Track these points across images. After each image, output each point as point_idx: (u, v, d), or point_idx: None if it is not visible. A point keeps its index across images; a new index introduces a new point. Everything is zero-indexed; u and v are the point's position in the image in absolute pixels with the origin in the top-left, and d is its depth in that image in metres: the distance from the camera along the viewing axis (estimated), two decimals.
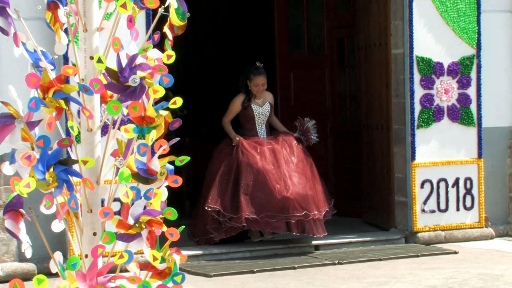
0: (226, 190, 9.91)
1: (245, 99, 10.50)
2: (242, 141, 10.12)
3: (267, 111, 10.53)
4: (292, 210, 9.67)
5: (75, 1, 3.33)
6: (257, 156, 9.90)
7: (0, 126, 3.34)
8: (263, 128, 10.53)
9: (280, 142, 10.26)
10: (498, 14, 12.08)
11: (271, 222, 9.72)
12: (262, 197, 9.71)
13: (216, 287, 9.41)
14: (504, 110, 12.14)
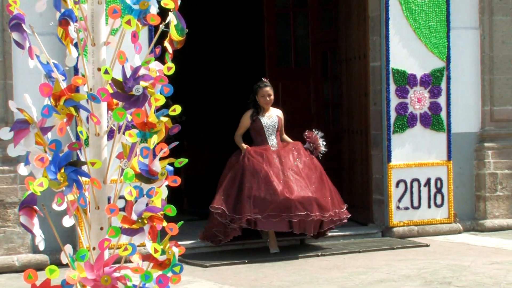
0: (231, 193, 9.73)
1: (254, 112, 10.26)
2: (249, 149, 9.96)
3: (275, 122, 10.25)
4: (294, 210, 9.45)
5: (84, 18, 3.32)
6: (262, 161, 9.72)
7: (16, 130, 3.33)
8: (274, 140, 10.26)
9: (288, 149, 10.11)
10: (466, 30, 12.09)
11: (274, 221, 9.52)
12: (265, 198, 9.50)
13: (212, 276, 9.39)
14: (471, 118, 12.16)
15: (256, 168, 9.63)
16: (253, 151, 9.90)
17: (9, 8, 3.36)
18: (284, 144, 10.25)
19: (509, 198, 12.17)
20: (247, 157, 9.79)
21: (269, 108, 10.35)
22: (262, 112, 10.27)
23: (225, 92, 17.25)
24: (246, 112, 10.35)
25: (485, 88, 12.19)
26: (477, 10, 12.19)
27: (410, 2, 11.57)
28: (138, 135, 3.34)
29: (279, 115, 10.42)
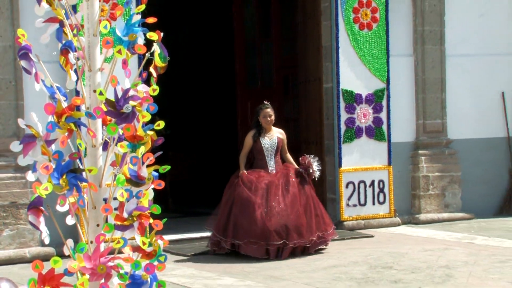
0: (222, 216, 9.35)
1: (256, 133, 9.67)
2: (243, 176, 9.42)
3: (275, 143, 9.64)
4: (271, 239, 8.99)
5: (82, 48, 3.30)
6: (251, 189, 9.22)
7: (25, 143, 3.31)
8: (273, 160, 9.65)
9: (278, 177, 9.46)
10: (403, 57, 12.15)
11: (253, 247, 9.06)
12: (247, 226, 9.08)
13: (193, 264, 9.36)
14: (407, 129, 12.21)
15: (244, 197, 9.20)
16: (246, 179, 9.40)
17: (18, 40, 3.33)
18: (280, 169, 9.63)
19: (439, 196, 12.23)
20: (239, 183, 9.33)
21: (271, 128, 9.78)
22: (264, 132, 9.71)
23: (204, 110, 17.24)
24: (249, 133, 9.84)
25: (418, 105, 12.26)
26: (411, 40, 12.26)
27: (356, 34, 11.62)
28: (128, 146, 3.32)
29: (280, 135, 9.85)
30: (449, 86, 12.45)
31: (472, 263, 8.77)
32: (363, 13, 11.66)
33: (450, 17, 12.43)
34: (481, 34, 12.71)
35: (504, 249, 9.67)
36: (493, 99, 12.77)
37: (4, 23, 9.79)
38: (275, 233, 8.96)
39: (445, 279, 8.02)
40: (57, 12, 3.33)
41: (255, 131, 9.67)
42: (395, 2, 11.98)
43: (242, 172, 9.49)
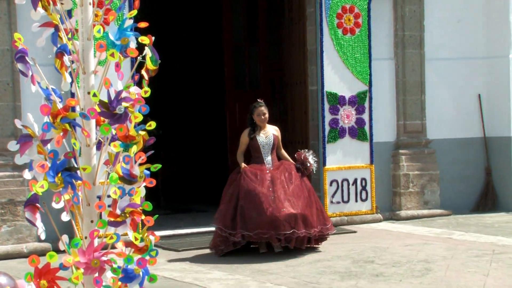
0: (228, 210, 9.00)
1: (251, 131, 9.41)
2: (245, 170, 9.13)
3: (271, 140, 9.37)
4: (281, 228, 8.73)
5: (76, 51, 3.29)
6: (256, 182, 8.93)
7: (22, 143, 3.29)
8: (269, 156, 9.36)
9: (280, 170, 9.20)
10: (384, 61, 12.17)
11: (264, 237, 8.82)
12: (256, 217, 8.76)
13: (184, 258, 9.35)
14: (389, 130, 12.24)
15: (250, 188, 8.90)
16: (249, 172, 9.12)
17: (15, 44, 3.32)
18: (278, 164, 9.36)
19: (418, 193, 12.26)
20: (243, 177, 9.04)
21: (265, 126, 9.50)
22: (259, 130, 9.44)
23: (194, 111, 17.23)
24: (244, 131, 9.59)
25: (399, 107, 12.28)
26: (392, 45, 12.29)
27: (339, 38, 11.63)
28: (121, 146, 3.31)
29: (275, 132, 9.57)
30: (428, 88, 12.48)
31: (450, 257, 8.80)
32: (346, 18, 11.67)
33: (429, 22, 12.46)
34: (458, 39, 12.75)
35: (480, 244, 9.71)
36: (470, 101, 12.82)
37: (1, 28, 9.76)
38: (285, 222, 8.74)
39: (424, 272, 8.04)
40: (53, 17, 3.32)
41: (250, 129, 9.46)
42: (377, 8, 11.99)
43: (244, 166, 9.22)
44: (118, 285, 3.31)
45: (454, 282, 7.54)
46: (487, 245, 9.56)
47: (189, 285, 7.84)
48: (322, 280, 7.84)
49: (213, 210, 13.41)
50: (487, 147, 12.86)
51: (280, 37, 13.25)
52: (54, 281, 3.26)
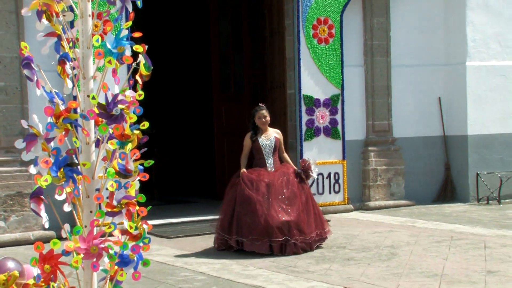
0: (226, 215, 8.48)
1: (253, 134, 8.83)
2: (243, 175, 8.52)
3: (273, 142, 8.77)
4: (274, 236, 8.12)
5: (77, 58, 3.28)
6: (251, 189, 8.33)
7: (27, 141, 3.28)
8: (271, 158, 8.74)
9: (278, 176, 8.55)
10: (355, 67, 12.22)
11: (256, 244, 8.19)
12: (250, 223, 8.23)
13: (174, 245, 9.35)
14: (359, 129, 12.28)
15: (246, 195, 8.31)
16: (246, 178, 8.50)
17: (22, 52, 3.31)
18: (278, 167, 8.75)
19: (385, 186, 12.30)
20: (241, 183, 8.45)
21: (267, 129, 8.91)
22: (261, 133, 8.86)
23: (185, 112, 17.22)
24: (246, 134, 8.99)
25: (368, 108, 12.32)
26: (362, 53, 12.33)
27: (315, 47, 11.65)
28: (117, 144, 3.30)
29: (277, 135, 8.98)
30: (394, 92, 12.53)
31: (413, 243, 8.84)
32: (321, 29, 11.69)
33: (395, 33, 12.51)
34: (421, 48, 12.81)
35: (441, 231, 9.75)
36: (431, 103, 12.88)
37: (10, 37, 9.75)
38: (277, 229, 8.13)
39: (390, 257, 8.07)
40: (56, 27, 3.30)
41: (252, 132, 8.90)
42: (348, 20, 12.03)
43: (242, 171, 8.64)
44: (114, 269, 3.30)
45: (417, 265, 7.58)
46: (446, 232, 9.62)
47: (180, 268, 7.84)
48: (299, 264, 7.85)
49: (201, 201, 13.48)
50: (446, 145, 12.92)
51: (262, 46, 13.26)
52: (57, 266, 3.25)
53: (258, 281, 7.12)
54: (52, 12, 3.27)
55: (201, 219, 11.11)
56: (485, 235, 9.33)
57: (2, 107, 9.77)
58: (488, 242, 8.79)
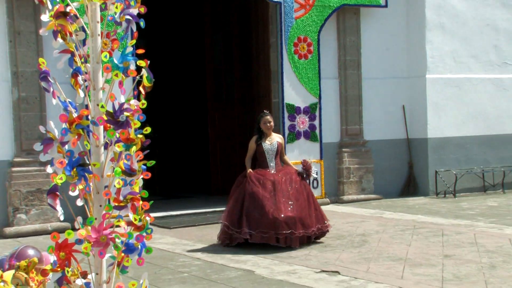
0: (234, 211, 8.02)
1: (257, 138, 8.38)
2: (250, 174, 8.12)
3: (275, 146, 8.30)
4: (281, 229, 7.72)
5: (88, 72, 3.27)
6: (259, 187, 7.95)
7: (45, 144, 3.26)
8: (273, 161, 8.29)
9: (282, 175, 8.15)
10: (330, 80, 12.25)
11: (264, 236, 7.78)
12: (258, 217, 7.78)
13: (174, 234, 9.33)
14: (334, 133, 12.30)
15: (254, 192, 7.91)
16: (253, 177, 8.10)
17: (40, 66, 3.30)
18: (280, 169, 8.32)
19: (357, 182, 12.32)
20: (248, 181, 8.05)
21: (271, 134, 8.45)
22: (265, 137, 8.40)
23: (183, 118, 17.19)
24: (252, 138, 8.54)
25: (342, 115, 12.35)
26: (336, 67, 12.36)
27: (296, 62, 11.67)
28: (123, 146, 3.28)
29: (279, 140, 8.52)
30: (365, 101, 12.56)
31: (381, 232, 8.86)
32: (301, 46, 11.71)
33: (365, 50, 12.55)
34: (387, 63, 12.85)
35: (405, 221, 9.78)
36: (396, 110, 12.92)
37: (32, 54, 9.75)
38: (284, 223, 7.73)
39: (361, 243, 8.08)
40: (69, 45, 3.29)
41: (257, 136, 8.45)
42: (325, 38, 12.05)
43: (249, 171, 8.21)
44: (121, 256, 3.28)
45: (384, 251, 7.59)
46: (409, 222, 9.64)
47: (178, 255, 7.82)
48: (282, 250, 7.84)
49: (197, 196, 13.45)
50: (409, 146, 12.96)
51: (250, 61, 13.27)
52: (71, 253, 3.23)
53: (247, 265, 7.11)
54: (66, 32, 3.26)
55: (197, 211, 11.10)
56: (443, 224, 9.36)
57: (24, 114, 9.74)
58: (445, 230, 8.83)
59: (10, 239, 9.14)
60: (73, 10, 3.26)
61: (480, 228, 8.90)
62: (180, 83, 16.98)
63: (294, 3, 11.62)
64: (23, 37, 9.73)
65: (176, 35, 16.84)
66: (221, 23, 13.77)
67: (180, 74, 16.92)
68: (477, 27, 13.17)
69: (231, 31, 13.69)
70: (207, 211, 11.06)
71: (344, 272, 6.65)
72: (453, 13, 12.95)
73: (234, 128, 13.75)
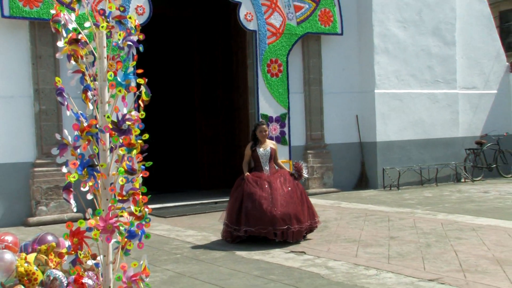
0: (234, 210, 7.42)
1: (253, 144, 7.77)
2: (248, 177, 7.53)
3: (269, 152, 7.68)
4: (278, 225, 7.13)
5: (96, 88, 3.24)
6: (257, 187, 7.38)
7: (60, 149, 3.22)
8: (267, 165, 7.65)
9: (276, 176, 7.57)
10: (297, 94, 12.28)
11: (263, 232, 7.19)
12: (257, 215, 7.20)
13: (169, 222, 9.27)
14: (301, 138, 12.31)
15: (252, 192, 7.34)
16: (251, 179, 7.53)
17: (56, 84, 3.26)
18: (274, 171, 7.71)
19: (320, 178, 12.35)
20: (247, 183, 7.46)
21: (265, 141, 7.81)
22: (260, 144, 7.78)
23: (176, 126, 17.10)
24: (247, 145, 7.95)
25: (307, 123, 12.38)
26: (302, 83, 12.39)
27: (269, 79, 11.68)
28: (126, 150, 3.26)
29: (273, 146, 7.88)
30: (325, 111, 12.61)
31: (339, 219, 8.88)
32: (273, 66, 11.73)
33: (325, 69, 12.61)
34: (343, 80, 12.92)
35: (358, 209, 9.82)
36: (351, 119, 12.99)
37: (50, 74, 9.69)
38: (281, 220, 7.17)
39: (323, 228, 8.10)
40: (81, 66, 3.26)
41: (252, 143, 7.85)
42: (292, 60, 12.09)
43: (247, 174, 7.61)
44: (124, 241, 3.25)
45: (342, 234, 7.61)
46: (362, 210, 9.69)
47: (172, 239, 7.77)
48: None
49: (188, 191, 13.38)
50: (361, 148, 13.04)
51: (231, 78, 13.25)
52: (83, 239, 3.20)
53: (229, 247, 7.09)
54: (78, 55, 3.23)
55: (187, 203, 11.04)
56: (388, 212, 9.42)
57: (44, 124, 9.64)
58: (391, 216, 8.88)
59: (33, 227, 9.03)
60: (84, 37, 3.23)
61: (418, 215, 8.97)
62: (173, 97, 16.89)
63: (267, 31, 11.64)
64: (43, 60, 9.66)
65: (170, 57, 16.76)
66: (208, 47, 13.74)
67: (173, 89, 16.83)
68: (414, 52, 13.31)
69: (216, 54, 13.67)
70: (196, 203, 11.02)
71: (309, 252, 6.66)
72: (395, 40, 13.06)
73: (218, 133, 13.73)
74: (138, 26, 3.37)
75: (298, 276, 5.58)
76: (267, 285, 5.29)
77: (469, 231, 7.43)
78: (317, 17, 12.12)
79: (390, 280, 5.28)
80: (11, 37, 9.55)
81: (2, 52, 9.52)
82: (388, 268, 5.70)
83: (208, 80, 13.83)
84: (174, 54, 16.57)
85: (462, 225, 7.89)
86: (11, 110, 9.55)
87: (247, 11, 11.47)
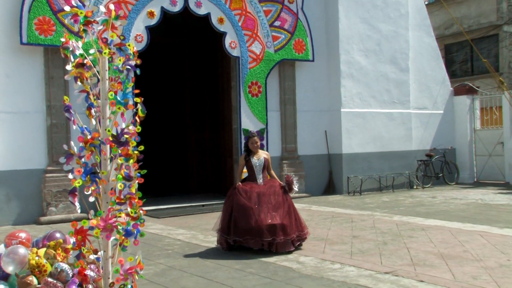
0: (225, 219, 6.79)
1: (246, 155, 7.16)
2: (238, 187, 6.90)
3: (262, 162, 7.05)
4: (264, 236, 6.50)
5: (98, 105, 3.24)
6: (246, 199, 6.74)
7: (67, 158, 3.21)
8: (261, 175, 7.01)
9: (267, 188, 6.89)
10: (274, 112, 12.31)
11: (251, 241, 6.57)
12: (245, 226, 6.63)
13: (162, 222, 9.20)
14: (277, 149, 12.32)
15: (241, 204, 6.71)
16: (241, 189, 6.88)
17: (64, 102, 3.26)
18: (267, 181, 7.06)
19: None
20: (237, 193, 6.85)
21: (258, 151, 7.19)
22: (253, 154, 7.16)
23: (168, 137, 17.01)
24: (241, 156, 7.38)
25: (282, 137, 12.40)
26: (279, 103, 12.43)
27: (250, 99, 11.71)
28: (124, 160, 3.26)
29: (266, 156, 7.22)
30: (298, 127, 12.65)
31: (309, 220, 8.89)
32: (254, 88, 11.76)
33: (299, 91, 12.67)
34: (314, 100, 12.94)
35: (326, 212, 9.84)
36: (320, 134, 13.06)
37: (60, 93, 9.65)
38: (266, 231, 6.60)
39: None
40: (86, 86, 3.26)
41: (246, 153, 7.31)
42: (270, 82, 12.14)
43: (238, 184, 7.00)
44: (122, 238, 3.24)
45: (311, 233, 7.62)
46: (329, 213, 9.71)
47: (165, 237, 7.71)
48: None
49: (179, 195, 13.29)
50: (329, 159, 13.10)
51: (217, 97, 13.26)
52: (86, 236, 3.18)
53: (214, 244, 7.06)
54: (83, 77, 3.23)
55: (178, 206, 10.97)
56: (352, 214, 9.46)
57: (54, 136, 9.57)
58: (354, 218, 8.92)
59: (44, 226, 8.91)
60: (89, 62, 3.23)
61: (377, 217, 9.03)
62: (166, 113, 16.82)
63: (248, 57, 11.69)
64: (55, 81, 9.62)
65: (164, 79, 16.72)
66: (197, 70, 13.76)
67: (167, 107, 16.77)
68: (374, 77, 13.47)
69: (204, 76, 13.69)
70: (186, 205, 10.95)
71: None
72: (358, 66, 13.21)
73: (206, 146, 13.71)
74: (136, 53, 3.39)
75: (273, 269, 5.59)
76: (246, 277, 5.29)
77: (420, 231, 7.51)
78: (292, 46, 12.21)
79: (352, 273, 5.31)
80: (28, 61, 9.51)
81: (19, 74, 9.47)
82: (351, 263, 5.73)
83: (197, 99, 13.84)
84: (168, 76, 16.53)
85: (414, 226, 7.97)
86: (26, 124, 9.47)
87: (231, 40, 11.53)
